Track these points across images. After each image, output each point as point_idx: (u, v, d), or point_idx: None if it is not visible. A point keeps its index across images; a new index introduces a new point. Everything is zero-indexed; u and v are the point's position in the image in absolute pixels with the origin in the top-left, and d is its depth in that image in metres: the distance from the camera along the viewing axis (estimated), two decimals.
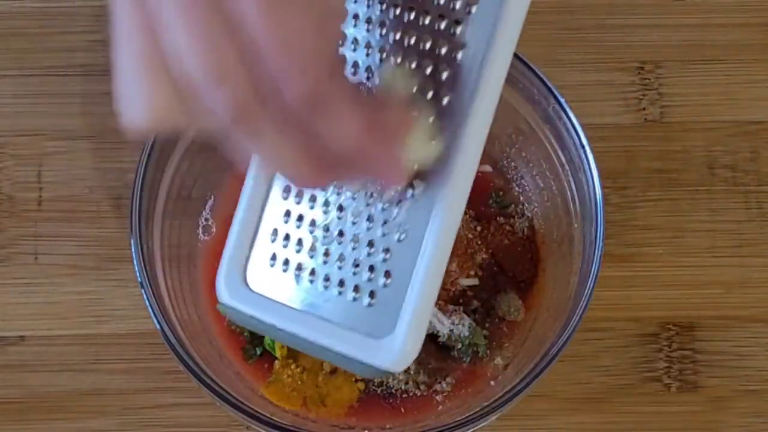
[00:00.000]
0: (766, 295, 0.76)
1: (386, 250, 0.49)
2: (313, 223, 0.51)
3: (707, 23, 0.82)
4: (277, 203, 0.52)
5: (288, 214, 0.52)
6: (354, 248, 0.50)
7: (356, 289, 0.49)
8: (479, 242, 0.72)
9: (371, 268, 0.49)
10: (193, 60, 0.40)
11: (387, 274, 0.49)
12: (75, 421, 0.73)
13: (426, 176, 0.49)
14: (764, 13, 0.82)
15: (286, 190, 0.52)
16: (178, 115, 0.41)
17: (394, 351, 0.49)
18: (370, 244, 0.50)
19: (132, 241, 0.65)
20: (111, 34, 0.41)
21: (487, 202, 0.74)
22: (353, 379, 0.70)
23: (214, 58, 0.39)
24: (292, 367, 0.69)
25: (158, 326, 0.64)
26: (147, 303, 0.64)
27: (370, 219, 0.50)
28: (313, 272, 0.51)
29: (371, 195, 0.50)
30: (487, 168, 0.75)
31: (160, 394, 0.73)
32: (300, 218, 0.51)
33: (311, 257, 0.51)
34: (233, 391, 0.64)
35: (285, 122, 0.41)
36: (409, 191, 0.49)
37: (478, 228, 0.73)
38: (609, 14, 0.82)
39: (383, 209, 0.50)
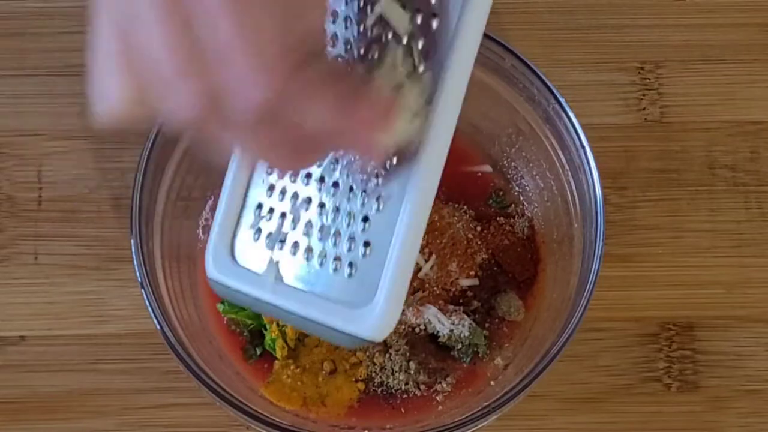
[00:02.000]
0: (766, 295, 0.76)
1: (365, 219, 0.51)
2: (295, 195, 0.52)
3: (707, 23, 0.82)
4: (261, 178, 0.53)
5: (272, 188, 0.53)
6: (335, 219, 0.51)
7: (337, 259, 0.51)
8: (479, 242, 0.72)
9: (351, 239, 0.51)
10: (163, 55, 0.41)
11: (366, 244, 0.50)
12: (75, 421, 0.73)
13: (402, 147, 0.49)
14: (764, 13, 0.82)
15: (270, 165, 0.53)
16: (145, 108, 0.43)
17: (374, 319, 0.50)
18: (350, 214, 0.51)
19: (132, 241, 0.65)
20: (89, 36, 0.43)
21: (487, 202, 0.74)
22: (353, 379, 0.69)
23: (182, 54, 0.41)
24: (292, 367, 0.69)
25: (158, 326, 0.64)
26: (147, 303, 0.64)
27: (350, 190, 0.51)
28: (296, 245, 0.52)
29: (352, 166, 0.51)
30: (487, 168, 0.75)
31: (160, 394, 0.73)
32: (283, 192, 0.52)
33: (294, 230, 0.52)
34: (233, 391, 0.64)
35: (254, 117, 0.42)
36: (387, 162, 0.50)
37: (478, 228, 0.73)
38: (609, 14, 0.82)
39: (363, 180, 0.51)
